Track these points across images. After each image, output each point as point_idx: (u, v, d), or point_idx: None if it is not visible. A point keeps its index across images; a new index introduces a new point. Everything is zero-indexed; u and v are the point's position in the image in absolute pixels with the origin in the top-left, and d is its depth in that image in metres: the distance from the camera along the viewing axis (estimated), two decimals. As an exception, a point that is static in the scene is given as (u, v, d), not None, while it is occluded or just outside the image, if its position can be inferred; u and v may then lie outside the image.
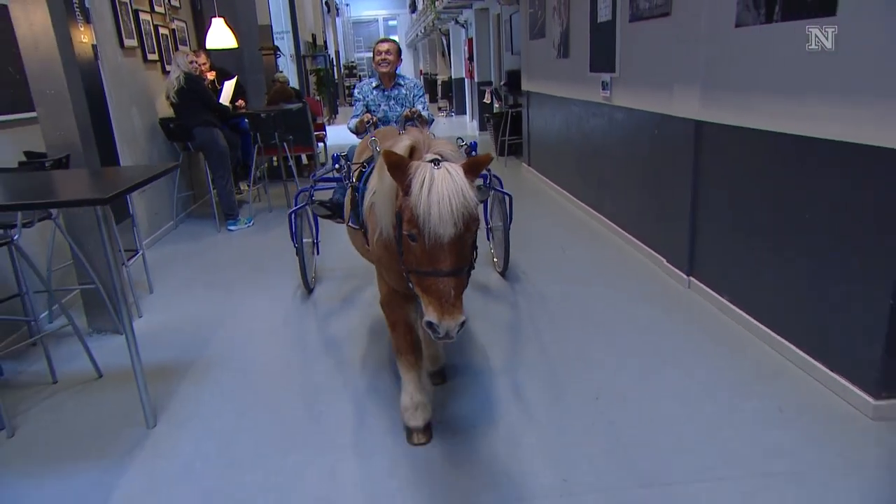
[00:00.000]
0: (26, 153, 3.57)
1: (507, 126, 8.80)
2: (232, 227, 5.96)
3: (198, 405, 2.82)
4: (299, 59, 14.10)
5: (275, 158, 7.44)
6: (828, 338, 2.69)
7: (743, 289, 3.33)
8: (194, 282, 4.51)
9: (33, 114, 3.70)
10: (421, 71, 25.92)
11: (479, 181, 3.69)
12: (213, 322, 3.72)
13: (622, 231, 4.93)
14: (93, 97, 4.18)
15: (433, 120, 3.88)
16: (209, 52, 6.76)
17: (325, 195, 3.95)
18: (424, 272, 1.89)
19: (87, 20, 4.46)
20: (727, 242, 3.46)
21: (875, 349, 2.41)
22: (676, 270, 4.00)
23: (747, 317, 3.25)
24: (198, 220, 6.35)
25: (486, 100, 10.46)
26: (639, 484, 2.17)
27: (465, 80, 14.62)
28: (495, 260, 4.40)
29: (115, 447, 2.51)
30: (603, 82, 5.09)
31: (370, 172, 2.48)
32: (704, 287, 3.70)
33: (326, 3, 22.85)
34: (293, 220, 3.95)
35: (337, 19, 26.66)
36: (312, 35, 17.76)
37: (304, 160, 8.73)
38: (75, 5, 4.19)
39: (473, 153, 3.66)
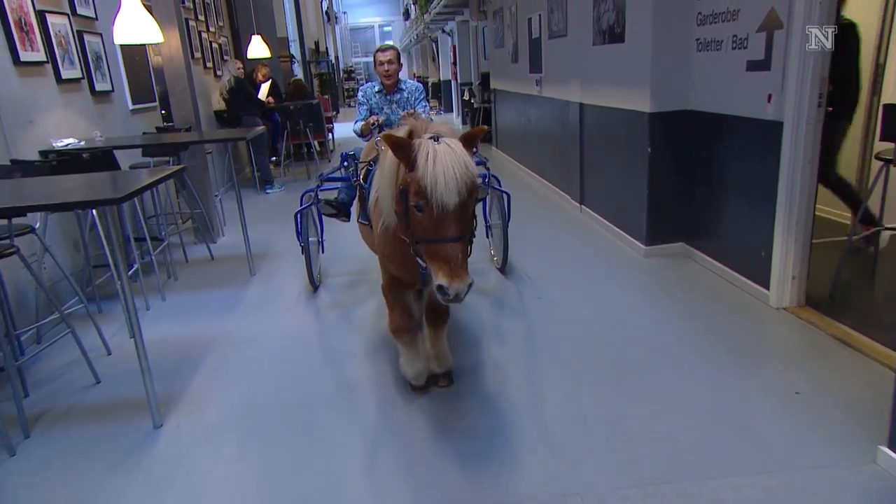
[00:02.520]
0: (157, 128, 5.68)
1: (480, 118, 10.91)
2: (269, 191, 8.04)
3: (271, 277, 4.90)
4: (305, 64, 16.18)
5: (294, 145, 9.56)
6: (627, 216, 4.78)
7: (602, 206, 5.44)
8: (249, 220, 6.57)
9: (154, 104, 5.83)
10: (414, 74, 27.94)
11: (479, 180, 4.13)
12: (265, 242, 5.72)
13: (549, 184, 7.04)
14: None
15: (431, 121, 4.16)
16: (258, 60, 8.82)
17: (329, 195, 4.06)
18: (433, 239, 2.05)
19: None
20: (599, 180, 5.56)
21: (643, 216, 4.51)
22: (574, 202, 6.10)
23: (612, 226, 5.36)
24: (241, 187, 8.42)
25: (466, 97, 12.57)
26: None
27: (452, 81, 16.72)
28: (494, 258, 4.58)
29: (234, 283, 4.60)
30: (536, 80, 7.20)
31: (376, 171, 2.58)
32: (592, 213, 5.78)
33: (326, 12, 24.97)
34: (299, 220, 4.02)
35: (336, 27, 28.75)
36: (315, 42, 19.85)
37: (316, 147, 10.84)
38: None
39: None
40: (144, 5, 4.32)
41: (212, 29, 8.29)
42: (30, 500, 2.31)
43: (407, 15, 25.44)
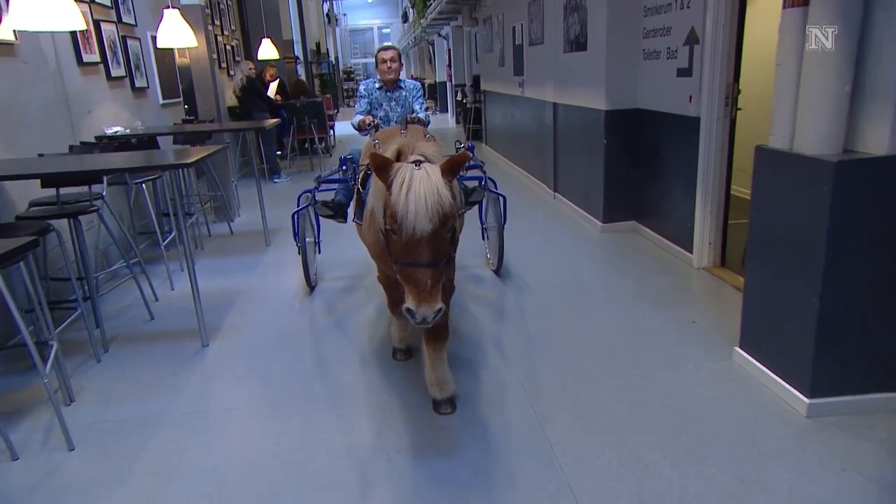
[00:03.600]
0: (183, 119, 6.49)
1: (471, 117, 11.74)
2: (276, 180, 8.85)
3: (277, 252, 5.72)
4: (307, 65, 16.99)
5: (299, 140, 10.38)
6: (588, 199, 5.60)
7: (571, 192, 6.26)
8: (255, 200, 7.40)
9: (179, 99, 6.64)
10: (412, 75, 28.78)
11: (475, 183, 4.13)
12: (275, 221, 6.52)
13: (530, 175, 7.87)
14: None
15: (429, 121, 3.96)
16: (267, 62, 9.63)
17: (326, 196, 4.12)
18: (404, 263, 2.08)
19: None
20: (569, 170, 6.39)
21: (600, 199, 5.33)
22: (549, 190, 6.92)
23: (578, 209, 6.18)
24: (250, 177, 9.23)
25: (459, 97, 13.39)
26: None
27: (447, 83, 17.55)
28: (490, 260, 4.63)
29: (253, 251, 5.41)
30: (519, 82, 8.02)
31: (372, 179, 2.59)
32: (564, 199, 6.61)
33: (327, 14, 25.80)
34: (296, 220, 4.02)
35: (336, 28, 29.58)
36: (317, 44, 20.66)
37: (317, 142, 11.64)
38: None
39: (472, 155, 4.08)
40: (183, 16, 5.14)
41: (226, 32, 9.09)
42: (119, 390, 3.11)
43: (405, 18, 26.23)
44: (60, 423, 2.62)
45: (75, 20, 3.08)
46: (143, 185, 4.52)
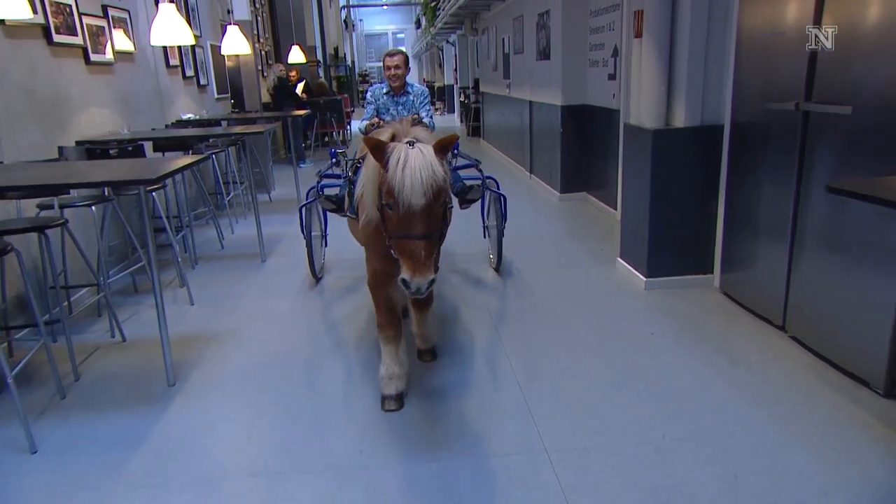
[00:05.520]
0: (231, 111, 8.12)
1: (472, 116, 13.32)
2: (302, 165, 10.45)
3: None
4: (326, 68, 18.67)
5: (321, 133, 12.02)
6: (551, 176, 7.13)
7: (540, 172, 7.81)
8: (290, 182, 9.00)
9: (227, 94, 8.28)
10: (424, 79, 30.35)
11: (476, 182, 4.24)
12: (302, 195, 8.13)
13: (514, 162, 9.42)
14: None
15: (434, 126, 3.94)
16: (294, 65, 11.28)
17: (332, 191, 4.13)
18: (400, 236, 2.22)
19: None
20: (544, 154, 7.94)
21: (558, 175, 6.88)
22: (526, 172, 8.48)
23: (545, 185, 7.73)
24: (280, 163, 10.88)
25: (462, 99, 14.97)
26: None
27: (454, 85, 19.14)
28: (491, 257, 4.73)
29: (289, 212, 7.01)
30: (507, 84, 9.58)
31: (363, 168, 2.68)
32: (538, 180, 8.14)
33: (345, 20, 27.54)
34: (303, 214, 4.19)
35: (353, 34, 31.31)
36: (335, 48, 22.36)
37: (336, 135, 13.30)
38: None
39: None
40: (241, 30, 6.76)
41: (261, 40, 10.73)
42: (203, 296, 4.70)
43: (418, 24, 27.77)
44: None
45: (189, 37, 4.69)
46: (214, 156, 6.14)
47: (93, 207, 3.61)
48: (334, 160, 4.11)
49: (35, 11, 3.78)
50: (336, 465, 2.43)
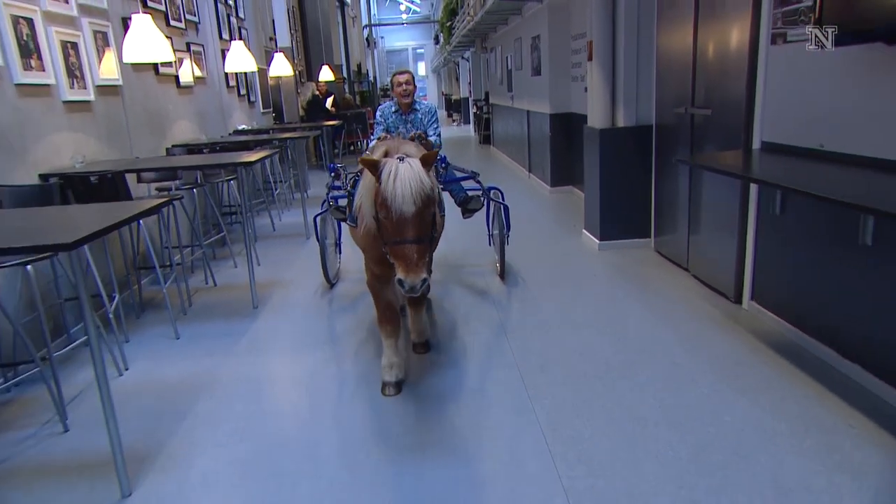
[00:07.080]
0: (274, 122, 9.60)
1: (483, 125, 14.70)
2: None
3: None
4: (350, 83, 20.22)
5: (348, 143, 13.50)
6: (543, 173, 8.43)
7: (535, 170, 9.12)
8: (321, 184, 10.41)
9: (270, 109, 9.77)
10: (443, 92, 31.79)
11: (477, 192, 4.70)
12: None
13: (517, 164, 10.75)
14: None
15: (440, 143, 4.04)
16: (323, 83, 12.80)
17: (343, 202, 4.21)
18: (394, 241, 2.48)
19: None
20: (538, 155, 9.25)
21: (548, 171, 8.18)
22: (526, 171, 9.80)
23: (539, 181, 9.04)
24: (315, 169, 12.36)
25: (475, 110, 16.37)
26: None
27: (469, 98, 20.57)
28: (497, 264, 4.92)
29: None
30: (511, 96, 10.93)
31: (361, 181, 2.97)
32: (535, 177, 9.44)
33: (367, 38, 29.19)
34: (317, 223, 4.46)
35: (374, 50, 32.93)
36: (358, 64, 23.94)
37: (362, 144, 14.76)
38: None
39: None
40: (285, 55, 8.21)
41: (295, 60, 12.25)
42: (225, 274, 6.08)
43: (437, 40, 29.26)
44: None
45: (253, 66, 6.14)
46: (267, 161, 7.56)
47: (194, 190, 5.03)
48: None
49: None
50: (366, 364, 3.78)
